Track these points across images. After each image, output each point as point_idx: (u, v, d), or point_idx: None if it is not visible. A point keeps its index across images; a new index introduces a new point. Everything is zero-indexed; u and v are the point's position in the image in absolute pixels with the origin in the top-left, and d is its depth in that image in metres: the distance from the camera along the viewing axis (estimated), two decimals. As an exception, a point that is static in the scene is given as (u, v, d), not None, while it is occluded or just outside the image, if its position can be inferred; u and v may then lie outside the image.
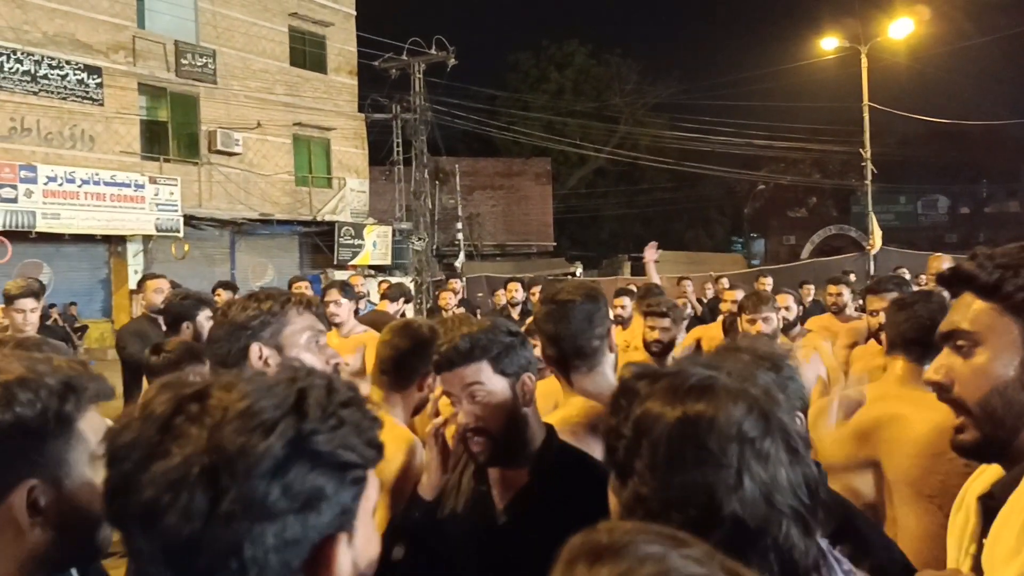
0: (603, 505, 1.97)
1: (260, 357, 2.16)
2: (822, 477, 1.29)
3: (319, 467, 0.89)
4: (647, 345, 5.29)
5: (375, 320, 6.80)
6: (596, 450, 2.26)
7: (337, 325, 5.79)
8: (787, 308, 6.33)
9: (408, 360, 2.91)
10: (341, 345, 5.37)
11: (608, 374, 2.75)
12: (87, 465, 1.29)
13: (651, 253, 8.52)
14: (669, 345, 5.22)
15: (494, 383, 2.15)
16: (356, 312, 6.59)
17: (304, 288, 7.68)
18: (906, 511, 2.63)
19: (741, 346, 2.02)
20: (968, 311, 1.57)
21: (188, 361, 3.63)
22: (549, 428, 2.29)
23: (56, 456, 1.26)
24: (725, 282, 11.93)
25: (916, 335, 2.94)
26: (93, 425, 1.31)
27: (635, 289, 7.94)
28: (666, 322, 5.23)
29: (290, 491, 0.86)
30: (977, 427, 1.54)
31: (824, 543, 1.29)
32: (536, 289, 9.07)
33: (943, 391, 1.61)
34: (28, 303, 5.21)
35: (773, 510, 1.12)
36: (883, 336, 3.51)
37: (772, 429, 1.16)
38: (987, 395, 1.53)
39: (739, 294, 7.25)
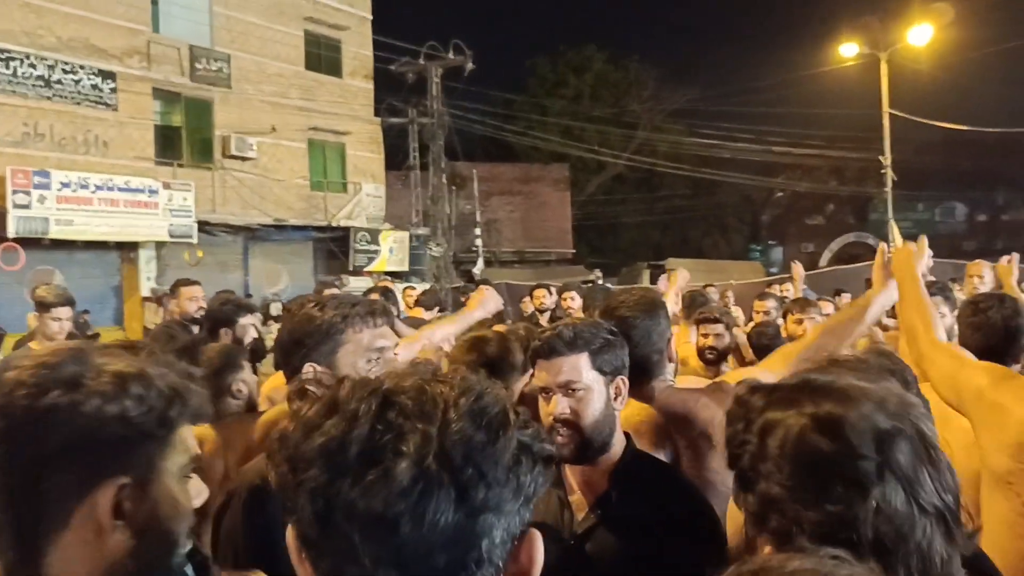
0: (681, 514, 2.12)
1: (315, 378, 2.00)
2: (958, 485, 1.17)
3: (534, 461, 0.89)
4: (701, 352, 5.32)
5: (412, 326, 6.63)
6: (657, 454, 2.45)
7: None
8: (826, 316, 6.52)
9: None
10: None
11: (668, 382, 2.81)
12: (176, 478, 1.26)
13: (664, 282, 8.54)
14: (724, 352, 5.30)
15: (591, 378, 2.18)
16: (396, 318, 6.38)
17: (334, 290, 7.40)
18: (989, 495, 2.57)
19: (853, 359, 1.98)
20: None
21: (229, 369, 3.51)
22: (627, 435, 2.31)
23: (151, 460, 1.23)
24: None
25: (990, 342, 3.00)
26: (188, 439, 1.29)
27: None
28: (719, 328, 5.28)
29: (520, 486, 0.86)
30: None
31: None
32: (568, 295, 8.95)
33: None
34: (65, 312, 5.26)
35: (917, 509, 1.08)
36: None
37: (907, 427, 1.13)
38: None
39: (770, 303, 7.42)
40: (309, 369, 2.05)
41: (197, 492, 1.33)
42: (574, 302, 8.40)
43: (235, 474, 2.08)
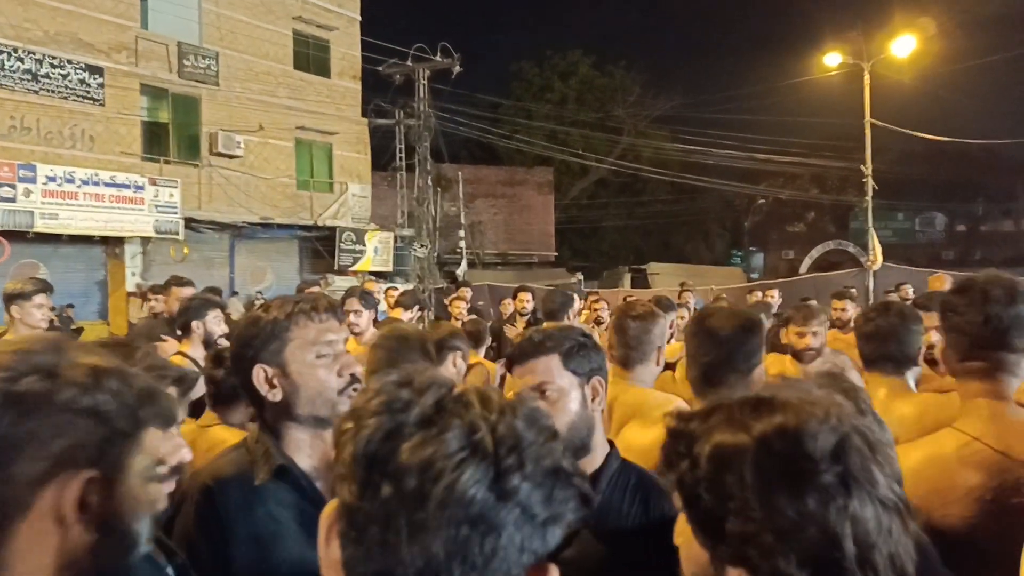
0: (664, 524, 1.87)
1: (266, 379, 2.03)
2: (899, 471, 1.16)
3: (571, 487, 0.91)
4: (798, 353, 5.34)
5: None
6: None
7: (356, 334, 5.67)
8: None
9: None
10: (361, 352, 5.22)
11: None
12: (141, 478, 1.23)
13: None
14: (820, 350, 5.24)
15: (564, 379, 2.16)
16: (375, 320, 6.47)
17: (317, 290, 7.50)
18: None
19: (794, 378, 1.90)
20: None
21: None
22: (611, 443, 2.28)
23: (119, 457, 1.21)
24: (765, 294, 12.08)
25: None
26: (152, 442, 1.28)
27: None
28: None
29: (552, 499, 0.88)
30: None
31: None
32: (524, 296, 9.04)
33: None
34: (44, 299, 5.22)
35: (880, 507, 1.05)
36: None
37: (852, 428, 1.08)
38: None
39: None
40: (259, 371, 2.03)
41: (159, 496, 1.33)
42: (604, 311, 8.47)
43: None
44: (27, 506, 1.14)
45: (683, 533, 1.16)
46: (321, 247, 26.52)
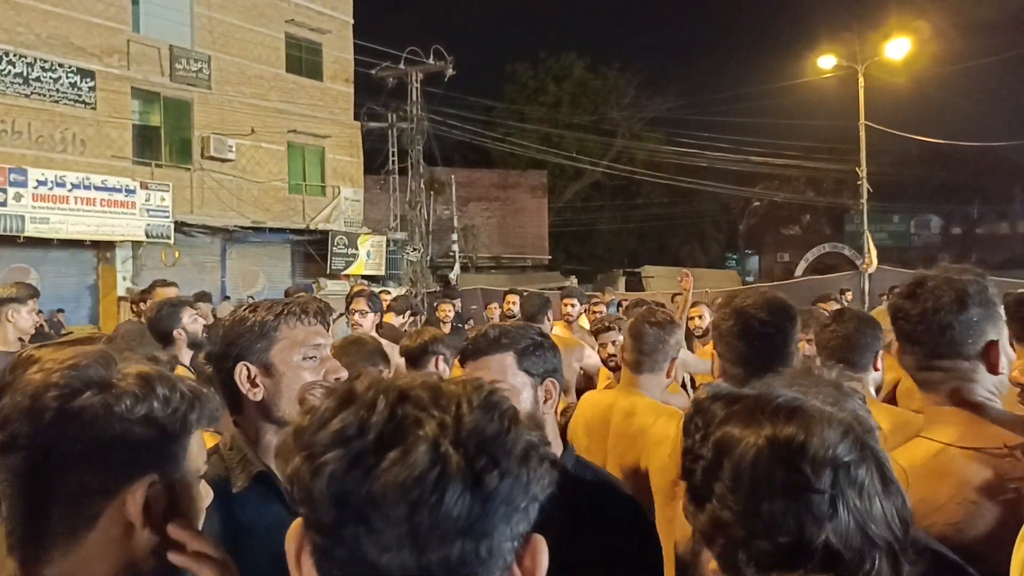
0: (617, 522, 2.12)
1: (249, 377, 1.98)
2: (911, 513, 1.16)
3: (541, 461, 0.90)
4: (605, 361, 5.34)
5: (384, 333, 6.61)
6: None
7: None
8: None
9: None
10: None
11: None
12: (193, 478, 1.29)
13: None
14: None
15: (518, 379, 2.13)
16: (379, 325, 6.47)
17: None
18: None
19: (816, 374, 1.85)
20: None
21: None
22: (565, 443, 2.29)
23: (175, 459, 1.26)
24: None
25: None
26: (199, 444, 1.32)
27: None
28: (614, 335, 5.24)
29: (529, 482, 0.88)
30: None
31: None
32: (512, 299, 9.13)
33: None
34: (35, 304, 5.30)
35: (867, 543, 1.06)
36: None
37: (867, 456, 1.11)
38: None
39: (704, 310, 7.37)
40: (242, 368, 1.99)
41: (207, 493, 1.36)
42: (703, 320, 7.44)
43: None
44: (95, 516, 1.18)
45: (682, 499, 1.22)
46: (313, 251, 26.47)
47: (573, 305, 8.89)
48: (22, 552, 1.20)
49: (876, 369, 3.30)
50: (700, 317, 7.07)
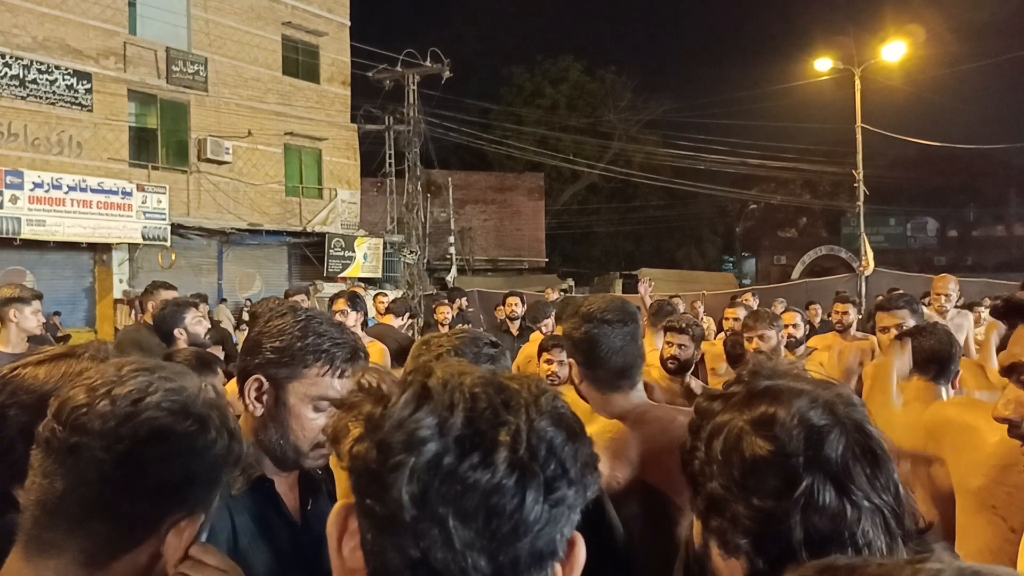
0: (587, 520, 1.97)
1: (257, 392, 1.93)
2: (898, 485, 1.20)
3: (594, 466, 0.92)
4: (663, 361, 5.28)
5: (381, 333, 6.85)
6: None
7: None
8: (794, 326, 6.50)
9: None
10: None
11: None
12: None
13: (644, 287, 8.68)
14: (686, 363, 5.23)
15: None
16: (364, 324, 6.51)
17: (301, 300, 7.39)
18: (971, 520, 2.57)
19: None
20: None
21: (200, 371, 3.50)
22: None
23: (213, 499, 1.25)
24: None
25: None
26: None
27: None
28: (685, 339, 5.23)
29: (586, 487, 0.90)
30: None
31: None
32: (512, 301, 9.39)
33: (1014, 427, 1.60)
34: (40, 306, 5.42)
35: (849, 504, 1.10)
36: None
37: (840, 422, 1.15)
38: None
39: (741, 312, 7.31)
40: (254, 381, 1.93)
41: None
42: (798, 329, 6.90)
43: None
44: (137, 543, 1.17)
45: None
46: (310, 253, 26.44)
47: (517, 305, 9.42)
48: (39, 552, 1.16)
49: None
50: (794, 326, 6.53)
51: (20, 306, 5.25)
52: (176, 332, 5.16)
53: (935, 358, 3.26)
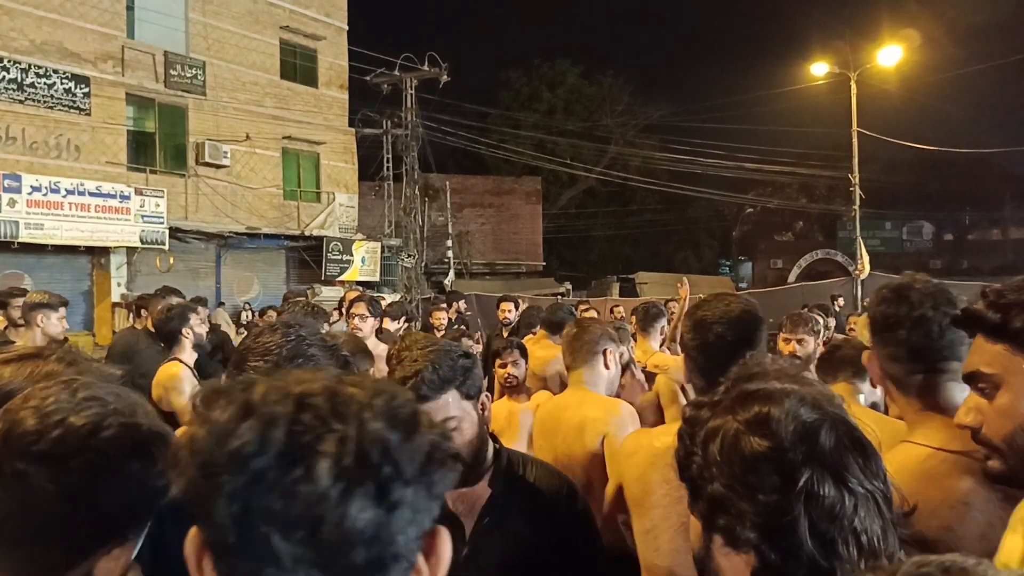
0: (554, 503, 2.34)
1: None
2: (884, 470, 1.27)
3: (443, 460, 0.90)
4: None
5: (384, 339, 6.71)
6: None
7: None
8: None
9: None
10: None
11: None
12: None
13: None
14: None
15: (463, 408, 2.20)
16: (380, 330, 6.52)
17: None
18: None
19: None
20: (983, 354, 1.60)
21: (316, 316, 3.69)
22: (492, 435, 2.38)
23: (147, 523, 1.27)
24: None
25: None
26: None
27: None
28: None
29: (432, 483, 0.88)
30: (1005, 462, 1.59)
31: None
32: (506, 306, 9.44)
33: (975, 433, 1.64)
34: (64, 311, 5.67)
35: (846, 492, 1.15)
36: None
37: (828, 417, 1.20)
38: (1011, 434, 1.57)
39: None
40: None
41: None
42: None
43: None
44: (89, 570, 1.16)
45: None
46: (308, 257, 26.42)
47: (510, 310, 9.47)
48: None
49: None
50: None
51: (47, 312, 5.47)
52: (183, 332, 5.26)
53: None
